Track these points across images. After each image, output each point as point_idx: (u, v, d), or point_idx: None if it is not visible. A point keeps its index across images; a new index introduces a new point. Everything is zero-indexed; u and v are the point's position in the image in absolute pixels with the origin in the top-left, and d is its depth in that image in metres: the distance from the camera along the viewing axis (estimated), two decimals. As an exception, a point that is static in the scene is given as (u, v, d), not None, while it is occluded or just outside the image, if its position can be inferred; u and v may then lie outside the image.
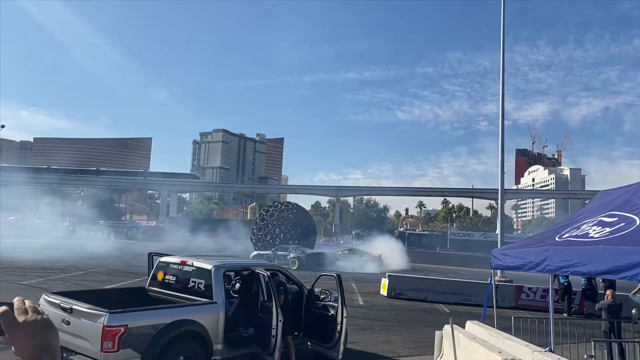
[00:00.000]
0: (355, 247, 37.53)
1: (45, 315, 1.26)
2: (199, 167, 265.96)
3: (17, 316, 1.21)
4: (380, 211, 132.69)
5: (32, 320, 1.22)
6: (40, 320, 1.24)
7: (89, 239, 61.41)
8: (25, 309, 1.24)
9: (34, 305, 1.27)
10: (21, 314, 1.22)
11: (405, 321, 15.45)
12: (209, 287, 8.73)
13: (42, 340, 1.21)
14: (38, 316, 1.24)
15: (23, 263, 25.80)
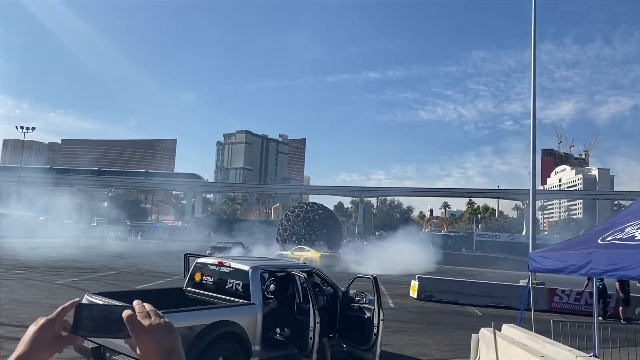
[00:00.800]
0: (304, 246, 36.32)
1: (167, 319, 1.26)
2: (222, 168, 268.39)
3: (141, 320, 1.21)
4: (403, 212, 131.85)
5: (157, 324, 1.21)
6: (164, 324, 1.23)
7: (117, 239, 62.50)
8: (147, 313, 1.24)
9: (154, 309, 1.26)
10: (144, 317, 1.22)
11: (437, 324, 15.29)
12: (246, 289, 8.75)
13: (167, 344, 1.21)
14: (161, 320, 1.24)
15: (56, 263, 26.37)
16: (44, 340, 1.18)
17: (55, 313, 1.21)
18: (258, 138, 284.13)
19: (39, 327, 1.19)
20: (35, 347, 1.16)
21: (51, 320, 1.20)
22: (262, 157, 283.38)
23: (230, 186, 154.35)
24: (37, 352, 1.16)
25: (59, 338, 1.20)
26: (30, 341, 1.17)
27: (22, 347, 1.17)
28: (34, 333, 1.18)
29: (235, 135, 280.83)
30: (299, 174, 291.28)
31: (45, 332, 1.19)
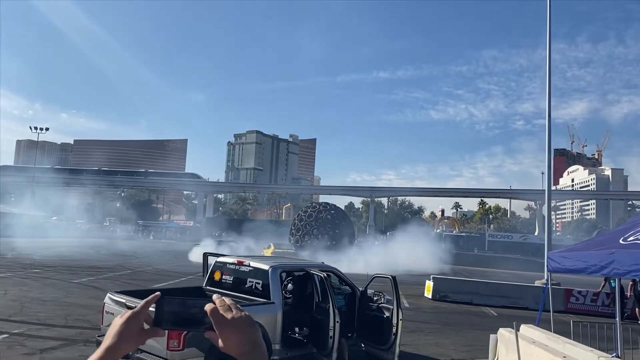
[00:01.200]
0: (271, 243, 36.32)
1: (247, 312, 1.29)
2: (233, 168, 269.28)
3: (224, 313, 1.24)
4: (414, 212, 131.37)
5: (239, 317, 1.24)
6: (245, 317, 1.26)
7: (130, 238, 62.97)
8: (228, 307, 1.27)
9: (234, 302, 1.29)
10: (226, 310, 1.25)
11: (453, 324, 15.25)
12: (266, 288, 8.80)
13: (249, 336, 1.24)
14: (242, 313, 1.27)
15: (71, 262, 26.63)
16: (130, 332, 1.22)
17: (139, 306, 1.25)
18: (268, 138, 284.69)
19: (125, 319, 1.23)
20: (122, 339, 1.21)
21: (136, 313, 1.24)
22: (273, 157, 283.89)
23: (241, 186, 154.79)
24: (124, 344, 1.21)
25: (143, 330, 1.24)
26: (118, 333, 1.21)
27: (110, 339, 1.21)
28: (121, 325, 1.22)
29: (246, 136, 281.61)
30: (309, 174, 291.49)
31: (131, 325, 1.23)
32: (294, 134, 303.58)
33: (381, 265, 32.44)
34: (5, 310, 12.68)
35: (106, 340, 1.22)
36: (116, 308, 8.00)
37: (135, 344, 1.24)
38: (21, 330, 10.79)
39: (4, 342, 9.79)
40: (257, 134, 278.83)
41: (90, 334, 10.93)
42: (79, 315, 12.80)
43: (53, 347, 9.72)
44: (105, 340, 1.22)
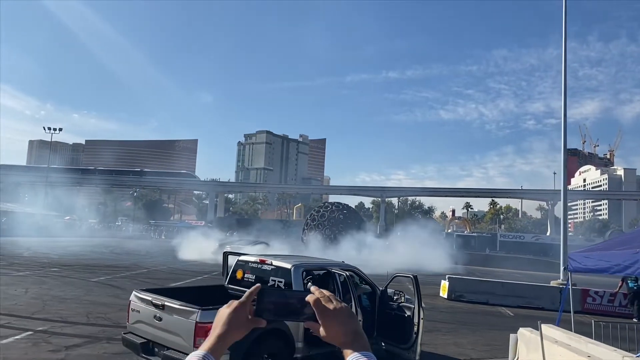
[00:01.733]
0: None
1: (345, 304, 1.35)
2: (243, 168, 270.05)
3: (325, 304, 1.30)
4: (425, 212, 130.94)
5: (340, 308, 1.31)
6: (346, 308, 1.32)
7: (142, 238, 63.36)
8: (328, 298, 1.33)
9: (332, 294, 1.35)
10: (327, 302, 1.31)
11: (470, 324, 15.23)
12: (288, 286, 8.86)
13: (351, 327, 1.30)
14: (342, 304, 1.33)
15: (87, 261, 26.89)
16: (239, 321, 1.31)
17: (244, 297, 1.33)
18: (278, 138, 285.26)
19: (233, 309, 1.32)
20: (232, 327, 1.30)
21: (243, 303, 1.32)
22: (283, 157, 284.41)
23: (252, 186, 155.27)
24: (234, 332, 1.30)
25: (248, 320, 1.32)
26: (227, 321, 1.30)
27: (220, 328, 1.30)
28: (230, 315, 1.31)
29: (256, 136, 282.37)
30: (319, 174, 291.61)
31: (238, 314, 1.31)
32: (304, 134, 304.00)
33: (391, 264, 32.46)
34: (28, 308, 12.86)
35: (215, 329, 1.31)
36: (142, 306, 8.09)
37: (243, 332, 1.32)
38: (45, 327, 10.94)
39: (29, 339, 9.94)
40: (267, 134, 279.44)
41: (112, 332, 11.07)
42: (100, 313, 12.95)
43: (77, 345, 9.85)
44: (214, 329, 1.31)
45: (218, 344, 1.29)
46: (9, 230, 54.25)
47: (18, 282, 17.17)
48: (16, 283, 16.96)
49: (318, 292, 1.34)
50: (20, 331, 10.48)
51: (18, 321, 11.40)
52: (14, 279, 18.05)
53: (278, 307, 1.31)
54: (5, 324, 11.05)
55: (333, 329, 1.28)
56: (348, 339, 1.28)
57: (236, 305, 1.32)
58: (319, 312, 1.29)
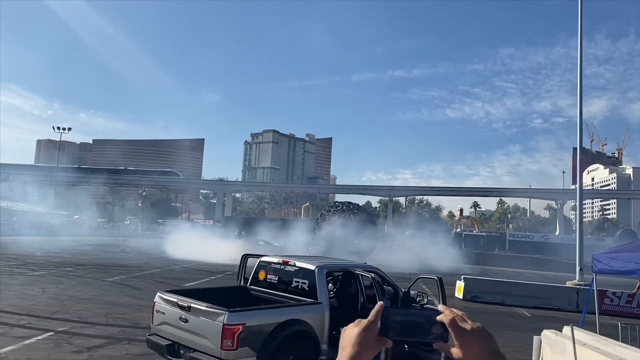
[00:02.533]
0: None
1: (481, 323, 1.27)
2: (250, 168, 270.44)
3: (460, 324, 1.22)
4: (432, 211, 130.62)
5: (478, 328, 1.22)
6: (483, 328, 1.24)
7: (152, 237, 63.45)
8: (462, 317, 1.25)
9: (465, 313, 1.27)
10: (462, 322, 1.23)
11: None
12: (312, 287, 8.78)
13: (492, 347, 1.22)
14: (478, 324, 1.25)
15: (100, 260, 26.97)
16: (370, 341, 1.23)
17: (372, 316, 1.26)
18: (285, 137, 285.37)
19: (363, 328, 1.25)
20: (363, 347, 1.22)
21: (372, 322, 1.25)
22: (289, 157, 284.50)
23: (260, 185, 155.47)
24: (365, 351, 1.22)
25: (376, 340, 1.24)
26: (358, 342, 1.23)
27: (351, 348, 1.23)
28: (360, 334, 1.24)
29: (263, 135, 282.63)
30: (326, 173, 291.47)
31: (368, 334, 1.24)
32: (310, 133, 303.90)
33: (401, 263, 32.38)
34: (47, 309, 12.88)
35: (345, 349, 1.24)
36: (167, 307, 8.04)
37: (373, 352, 1.25)
38: (65, 328, 10.94)
39: (50, 340, 9.94)
40: (274, 134, 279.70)
41: (132, 332, 11.06)
42: (118, 313, 12.95)
43: (99, 346, 9.83)
44: (344, 349, 1.24)
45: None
46: (20, 230, 54.61)
47: (35, 282, 17.22)
48: (33, 283, 17.01)
49: (449, 311, 1.26)
50: (42, 332, 10.49)
51: (38, 321, 11.41)
52: (30, 279, 18.12)
53: (403, 326, 1.25)
54: (27, 324, 11.07)
55: (472, 350, 1.20)
56: (488, 359, 1.21)
57: (366, 325, 1.25)
58: (456, 333, 1.20)
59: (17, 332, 10.30)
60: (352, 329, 1.26)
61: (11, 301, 13.47)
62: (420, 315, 1.26)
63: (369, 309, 4.89)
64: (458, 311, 1.28)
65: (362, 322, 1.26)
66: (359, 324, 1.26)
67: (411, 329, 1.24)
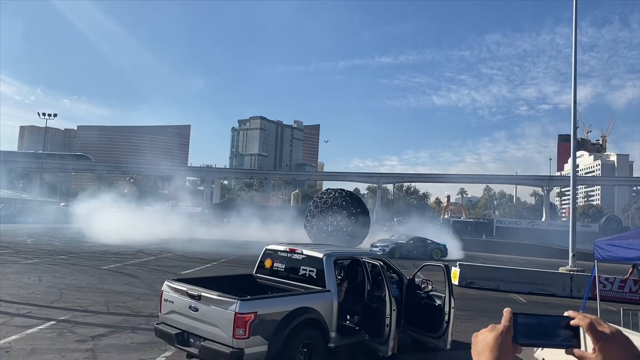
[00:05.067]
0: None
1: (618, 327, 1.24)
2: (237, 154, 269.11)
3: (598, 327, 1.19)
4: (420, 198, 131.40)
5: (617, 331, 1.19)
6: (621, 331, 1.21)
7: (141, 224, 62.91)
8: (598, 321, 1.21)
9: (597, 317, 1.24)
10: (599, 325, 1.20)
11: (486, 311, 15.28)
12: (320, 276, 8.77)
13: (634, 352, 1.18)
14: (615, 327, 1.22)
15: (92, 248, 26.74)
16: (506, 347, 1.21)
17: (506, 321, 1.23)
18: (273, 124, 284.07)
19: (499, 333, 1.22)
20: (501, 353, 1.20)
21: (507, 327, 1.22)
22: (277, 143, 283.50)
23: (248, 172, 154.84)
24: (503, 357, 1.19)
25: (511, 345, 1.22)
26: (496, 347, 1.20)
27: (490, 353, 1.20)
28: (496, 340, 1.21)
29: (250, 122, 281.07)
30: (313, 160, 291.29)
31: (505, 339, 1.21)
32: (298, 120, 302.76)
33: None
34: (46, 297, 12.75)
35: (483, 355, 1.21)
36: (176, 296, 7.98)
37: (509, 358, 1.22)
38: (67, 317, 10.83)
39: (53, 329, 9.84)
40: (262, 120, 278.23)
41: (135, 321, 10.99)
42: (118, 302, 12.85)
43: (103, 334, 9.75)
44: (482, 354, 1.21)
45: None
46: (7, 217, 53.90)
47: (30, 271, 17.02)
48: (28, 271, 16.81)
49: (582, 315, 1.22)
50: (43, 321, 10.38)
51: (38, 310, 11.29)
52: (25, 267, 17.91)
53: (532, 331, 1.23)
54: (27, 313, 10.95)
55: (612, 354, 1.15)
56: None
57: (502, 330, 1.21)
58: (595, 337, 1.16)
59: (18, 322, 10.18)
60: (486, 333, 1.23)
61: (9, 290, 13.30)
62: (547, 319, 1.24)
63: (378, 297, 4.90)
64: (589, 315, 1.24)
65: (498, 327, 1.23)
66: (493, 329, 1.23)
67: (540, 334, 1.23)
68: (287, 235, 37.39)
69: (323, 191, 40.91)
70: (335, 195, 35.83)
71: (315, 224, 35.24)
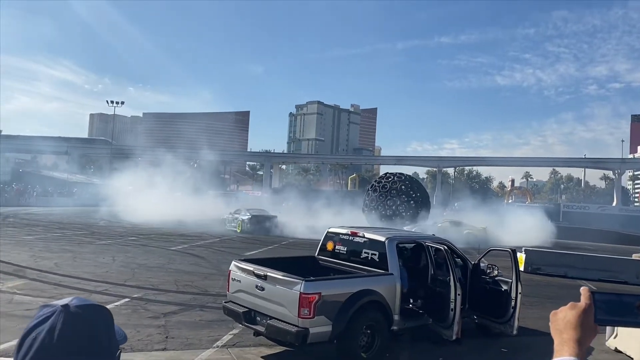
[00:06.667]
0: (458, 219, 35.82)
1: None
2: (295, 139, 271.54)
3: None
4: (482, 182, 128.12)
5: None
6: None
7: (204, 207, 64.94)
8: None
9: None
10: None
11: (554, 297, 14.80)
12: (383, 259, 8.78)
13: None
14: None
15: (160, 230, 27.89)
16: (589, 325, 1.19)
17: (586, 299, 1.21)
18: (329, 108, 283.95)
19: (582, 311, 1.20)
20: (584, 331, 1.18)
21: (589, 305, 1.21)
22: (334, 128, 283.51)
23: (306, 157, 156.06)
24: (587, 335, 1.19)
25: (593, 324, 1.20)
26: (579, 324, 1.19)
27: (574, 331, 1.18)
28: (579, 318, 1.19)
29: (307, 106, 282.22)
30: (371, 144, 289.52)
31: (587, 317, 1.20)
32: (355, 104, 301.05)
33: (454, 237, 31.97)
34: (120, 276, 13.45)
35: (566, 332, 1.19)
36: (243, 275, 8.23)
37: (592, 336, 1.21)
38: (139, 294, 11.39)
39: (128, 306, 10.38)
40: (318, 105, 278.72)
41: (203, 299, 11.43)
42: (187, 281, 13.39)
43: (174, 312, 10.20)
44: (564, 332, 1.19)
45: (581, 349, 1.17)
46: (80, 200, 56.99)
47: (104, 251, 18.03)
48: (103, 252, 17.81)
49: None
50: (119, 298, 10.97)
51: (114, 288, 11.94)
52: (99, 248, 18.97)
53: (612, 309, 1.21)
54: (104, 290, 11.61)
55: None
56: None
57: (584, 307, 1.20)
58: None
59: (96, 298, 10.79)
60: (567, 311, 1.22)
61: (86, 268, 14.15)
62: (630, 297, 1.22)
63: (442, 281, 4.84)
64: None
65: (579, 305, 1.21)
66: (574, 307, 1.21)
67: (621, 312, 1.21)
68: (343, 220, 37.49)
69: (381, 175, 40.62)
70: (394, 180, 35.54)
71: (374, 208, 35.15)
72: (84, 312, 1.20)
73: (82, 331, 1.18)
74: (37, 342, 1.13)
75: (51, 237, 21.65)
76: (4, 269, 13.22)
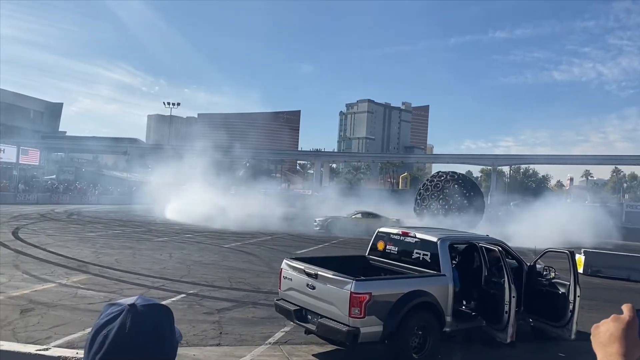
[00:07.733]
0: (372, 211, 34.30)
1: None
2: (345, 138, 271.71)
3: None
4: (539, 181, 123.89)
5: None
6: None
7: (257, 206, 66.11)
8: None
9: None
10: None
11: (614, 301, 14.13)
12: (435, 260, 8.68)
13: None
14: None
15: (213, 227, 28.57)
16: (634, 339, 1.15)
17: (630, 312, 1.17)
18: (380, 107, 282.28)
19: (626, 324, 1.15)
20: (629, 345, 1.13)
21: (633, 318, 1.16)
22: (385, 126, 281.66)
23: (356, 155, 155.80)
24: (632, 350, 1.13)
25: (638, 337, 1.15)
26: (624, 337, 1.14)
27: (619, 345, 1.13)
28: (624, 331, 1.15)
29: (358, 105, 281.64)
30: (422, 142, 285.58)
31: (631, 330, 1.15)
32: (406, 102, 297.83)
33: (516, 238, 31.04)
34: (176, 272, 13.91)
35: (610, 346, 1.14)
36: (294, 274, 8.34)
37: (637, 352, 1.15)
38: (195, 290, 11.74)
39: (184, 302, 10.72)
40: (369, 103, 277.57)
41: (256, 297, 11.65)
42: (240, 278, 13.70)
43: (227, 308, 10.46)
44: (608, 345, 1.15)
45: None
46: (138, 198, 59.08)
47: (161, 248, 18.68)
48: (160, 248, 18.46)
49: None
50: (175, 293, 11.35)
51: (170, 284, 12.36)
52: (156, 244, 19.67)
53: None
54: (161, 286, 12.04)
55: None
56: None
57: (628, 320, 1.15)
58: None
59: (154, 294, 11.21)
60: (610, 324, 1.17)
61: (144, 265, 14.72)
62: None
63: (497, 283, 4.73)
64: None
65: (622, 318, 1.17)
66: (617, 319, 1.17)
67: None
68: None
69: (434, 174, 40.00)
70: (447, 178, 34.94)
71: (426, 208, 34.70)
72: (149, 311, 1.28)
73: (149, 329, 1.26)
74: (108, 339, 1.21)
75: (111, 234, 22.64)
76: (69, 265, 13.94)
